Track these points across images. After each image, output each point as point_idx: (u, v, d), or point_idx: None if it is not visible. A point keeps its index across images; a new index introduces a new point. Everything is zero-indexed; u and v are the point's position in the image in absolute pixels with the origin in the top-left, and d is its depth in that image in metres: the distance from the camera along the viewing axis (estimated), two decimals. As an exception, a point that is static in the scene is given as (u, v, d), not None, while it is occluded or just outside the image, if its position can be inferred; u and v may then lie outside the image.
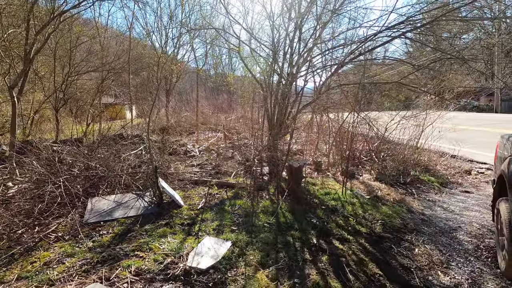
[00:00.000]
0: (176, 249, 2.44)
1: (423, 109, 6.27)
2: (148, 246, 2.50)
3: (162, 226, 2.92)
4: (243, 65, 6.13)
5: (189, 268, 2.17)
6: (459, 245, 2.96)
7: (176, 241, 2.59)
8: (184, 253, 2.38)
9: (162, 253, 2.39)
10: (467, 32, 7.88)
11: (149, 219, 3.11)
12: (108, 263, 2.27)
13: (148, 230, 2.84)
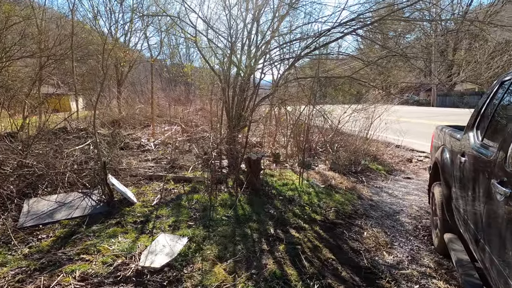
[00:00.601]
0: (128, 249, 2.30)
1: (372, 103, 6.72)
2: (96, 248, 2.32)
3: (112, 225, 2.73)
4: (201, 56, 5.94)
5: (141, 268, 2.06)
6: (401, 226, 3.25)
7: (127, 241, 2.43)
8: (137, 253, 2.25)
9: (112, 254, 2.23)
10: (410, 32, 8.59)
11: (98, 219, 2.88)
12: (48, 270, 2.06)
13: (96, 231, 2.63)
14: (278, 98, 6.40)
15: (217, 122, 6.49)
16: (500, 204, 1.42)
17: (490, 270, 1.52)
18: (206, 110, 10.14)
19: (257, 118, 6.69)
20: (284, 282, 2.04)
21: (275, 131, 6.57)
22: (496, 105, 2.04)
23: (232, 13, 4.95)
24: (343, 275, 2.24)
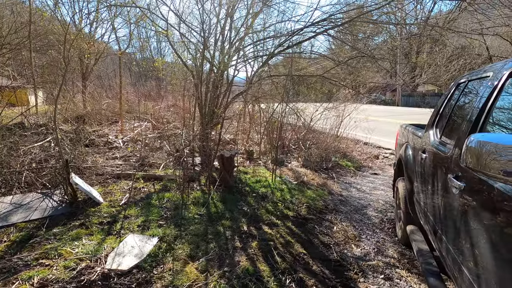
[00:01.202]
0: (93, 251, 2.18)
1: (342, 102, 6.95)
2: (57, 252, 2.17)
3: (76, 227, 2.57)
4: (173, 51, 5.77)
5: (108, 271, 1.96)
6: (369, 220, 3.41)
7: (92, 243, 2.31)
8: (103, 255, 2.14)
9: (75, 258, 2.10)
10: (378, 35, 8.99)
11: (59, 220, 2.70)
12: (2, 277, 1.89)
13: (58, 233, 2.46)
14: (252, 96, 6.40)
15: (190, 118, 6.36)
16: (455, 197, 1.53)
17: (446, 258, 1.64)
18: (178, 106, 9.88)
19: (231, 115, 6.65)
20: (256, 279, 2.05)
21: (249, 129, 6.57)
22: (453, 105, 2.19)
23: (205, 7, 4.84)
24: (314, 269, 2.30)
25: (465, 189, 1.41)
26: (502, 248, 1.08)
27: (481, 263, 1.22)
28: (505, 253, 1.05)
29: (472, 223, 1.33)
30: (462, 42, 13.93)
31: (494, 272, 1.11)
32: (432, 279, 1.80)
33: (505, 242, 1.06)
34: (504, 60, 1.75)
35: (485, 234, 1.19)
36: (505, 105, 1.51)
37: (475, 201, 1.32)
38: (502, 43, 14.80)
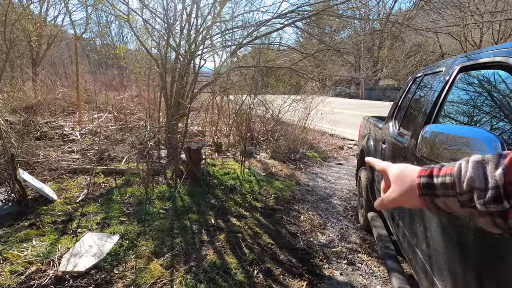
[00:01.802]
0: (45, 253, 2.00)
1: (309, 94, 7.09)
2: (2, 256, 1.96)
3: (25, 228, 2.35)
4: (136, 38, 5.43)
5: (62, 273, 1.82)
6: (333, 208, 3.54)
7: (44, 244, 2.12)
8: (56, 257, 1.98)
9: (24, 261, 1.92)
10: (343, 29, 9.27)
11: (5, 221, 2.44)
12: None
13: (3, 235, 2.23)
14: (220, 87, 6.28)
15: (155, 110, 6.08)
16: (411, 184, 1.63)
17: (403, 242, 1.75)
18: (143, 97, 9.41)
19: (199, 106, 6.47)
20: (224, 271, 2.04)
21: (217, 120, 6.46)
22: (410, 98, 2.32)
23: (169, -8, 4.60)
24: (281, 258, 2.34)
25: (420, 177, 1.50)
26: (450, 231, 1.16)
27: (432, 245, 1.31)
28: (453, 235, 1.14)
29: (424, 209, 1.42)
30: (419, 40, 14.89)
31: (443, 253, 1.19)
32: (389, 261, 1.92)
33: (453, 225, 1.14)
34: (455, 57, 1.87)
35: (436, 219, 1.28)
36: (455, 98, 1.61)
37: (428, 188, 1.41)
38: (453, 41, 16.09)
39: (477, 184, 0.40)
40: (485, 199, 0.39)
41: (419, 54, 8.97)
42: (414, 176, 0.50)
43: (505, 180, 0.37)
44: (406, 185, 0.51)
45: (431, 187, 0.46)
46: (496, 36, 15.98)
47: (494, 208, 0.38)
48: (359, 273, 2.29)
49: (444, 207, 0.46)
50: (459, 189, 0.42)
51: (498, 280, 0.86)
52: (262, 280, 2.04)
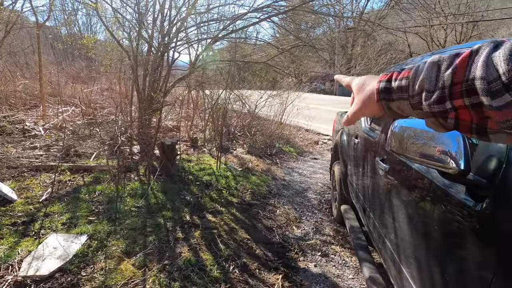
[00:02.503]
0: (3, 258, 1.86)
1: (285, 89, 7.14)
2: (-48, 262, 1.79)
3: (-20, 231, 2.16)
4: (105, 27, 5.14)
5: (22, 278, 1.69)
6: (308, 202, 3.61)
7: (3, 248, 1.96)
8: (16, 261, 1.84)
9: (-22, 267, 1.77)
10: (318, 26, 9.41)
11: (-44, 224, 2.23)
12: None
13: (-47, 240, 2.03)
14: (196, 81, 6.14)
15: (127, 104, 5.83)
16: (381, 178, 1.69)
17: (373, 232, 1.82)
18: (113, 90, 8.98)
19: (173, 100, 6.29)
20: (199, 268, 2.01)
21: (192, 115, 6.33)
22: (381, 94, 2.39)
23: (140, -20, 4.39)
24: (257, 253, 2.35)
25: (389, 170, 1.56)
26: (417, 221, 1.22)
27: (400, 234, 1.37)
28: (419, 225, 1.19)
29: (394, 200, 1.47)
30: (390, 39, 15.51)
31: (410, 241, 1.25)
32: (361, 252, 1.99)
33: (420, 215, 1.20)
34: (422, 55, 1.95)
35: (404, 210, 1.34)
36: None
37: (397, 181, 1.47)
38: (421, 41, 16.94)
39: (427, 85, 0.39)
40: (430, 100, 0.38)
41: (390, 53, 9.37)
42: (375, 82, 0.48)
43: (452, 81, 0.36)
44: (367, 93, 0.49)
45: (388, 91, 0.45)
46: (459, 37, 17.05)
47: (436, 108, 0.38)
48: (332, 264, 2.36)
49: (398, 110, 0.45)
50: (412, 91, 0.41)
51: (459, 266, 0.91)
52: (238, 275, 2.03)
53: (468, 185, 0.91)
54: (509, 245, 0.70)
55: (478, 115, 0.36)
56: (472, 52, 0.36)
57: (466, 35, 17.59)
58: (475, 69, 0.34)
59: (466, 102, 0.35)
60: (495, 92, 0.31)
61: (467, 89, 0.35)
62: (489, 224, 0.79)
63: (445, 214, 1.01)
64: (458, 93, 0.36)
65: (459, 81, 0.35)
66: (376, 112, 0.48)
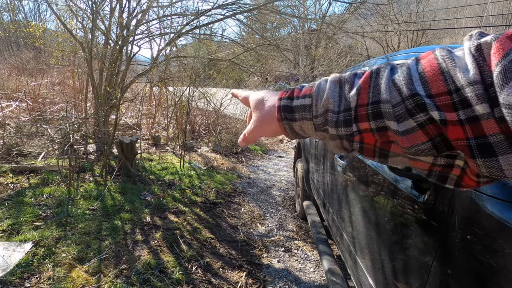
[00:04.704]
0: None
1: (251, 88, 7.17)
2: None
3: None
4: (55, 16, 4.71)
5: (-49, 294, 1.49)
6: (273, 199, 3.67)
7: None
8: None
9: None
10: (283, 27, 9.58)
11: None
12: None
13: None
14: (158, 77, 5.91)
15: (82, 100, 5.41)
16: (339, 174, 1.77)
17: (332, 226, 1.90)
18: (67, 85, 8.29)
19: (133, 96, 5.99)
20: (160, 271, 1.93)
21: (154, 112, 6.08)
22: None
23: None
24: (221, 252, 2.33)
25: (346, 167, 1.64)
26: (370, 214, 1.29)
27: (355, 227, 1.44)
28: (372, 217, 1.27)
29: (350, 195, 1.55)
30: (350, 42, 16.35)
31: (364, 233, 1.33)
32: (321, 245, 2.07)
33: (373, 208, 1.27)
34: (376, 57, 2.08)
35: (359, 204, 1.41)
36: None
37: (353, 176, 1.55)
38: (377, 46, 18.09)
39: (332, 106, 0.37)
40: (337, 121, 0.36)
41: (350, 55, 9.89)
42: (275, 99, 0.43)
43: (357, 103, 0.35)
44: (267, 110, 0.44)
45: (290, 110, 0.41)
46: (410, 43, 18.50)
47: (343, 131, 0.36)
48: (295, 259, 2.42)
49: (300, 131, 0.42)
50: (315, 111, 0.39)
51: (405, 253, 0.99)
52: (201, 275, 1.99)
53: (413, 179, 0.98)
54: (446, 230, 0.77)
55: (382, 139, 0.35)
56: (372, 73, 0.35)
57: (416, 42, 19.18)
58: (379, 91, 0.33)
59: (372, 126, 0.34)
60: (400, 116, 0.31)
61: (372, 111, 0.34)
62: (430, 213, 0.86)
63: (395, 207, 1.08)
64: (364, 116, 0.34)
65: (364, 103, 0.34)
66: (277, 132, 0.44)
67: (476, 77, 0.27)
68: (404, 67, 0.33)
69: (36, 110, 5.86)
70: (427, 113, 0.29)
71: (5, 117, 4.94)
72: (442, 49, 0.31)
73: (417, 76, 0.31)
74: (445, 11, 21.06)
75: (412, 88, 0.30)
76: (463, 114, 0.27)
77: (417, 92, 0.30)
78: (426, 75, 0.30)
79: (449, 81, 0.29)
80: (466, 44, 0.30)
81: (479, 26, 17.12)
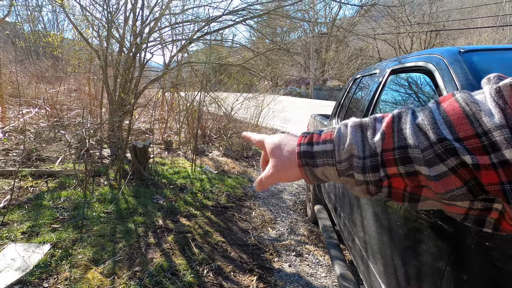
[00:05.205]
0: (-48, 272, 1.70)
1: (261, 92, 7.21)
2: None
3: None
4: (73, 26, 4.90)
5: (-25, 293, 1.56)
6: (284, 203, 3.66)
7: (-48, 261, 1.79)
8: (-33, 275, 1.69)
9: None
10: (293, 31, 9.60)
11: None
12: None
13: None
14: (170, 82, 6.02)
15: (97, 106, 5.58)
16: (350, 177, 1.75)
17: (344, 231, 1.88)
18: (82, 91, 8.56)
19: (146, 102, 6.12)
20: (172, 274, 1.96)
21: (167, 117, 6.19)
22: (351, 97, 2.49)
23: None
24: (232, 255, 2.34)
25: (357, 170, 1.62)
26: (382, 219, 1.28)
27: (368, 232, 1.42)
28: (384, 222, 1.25)
29: (362, 199, 1.54)
30: (361, 45, 16.21)
31: (376, 238, 1.31)
32: (332, 250, 2.05)
33: (385, 213, 1.26)
34: (387, 60, 2.06)
35: (370, 208, 1.40)
36: (387, 98, 1.78)
37: (364, 180, 1.53)
38: (389, 48, 17.85)
39: (356, 151, 0.37)
40: (363, 167, 0.36)
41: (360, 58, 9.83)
42: (294, 145, 0.43)
43: (382, 148, 0.35)
44: (285, 156, 0.43)
45: (311, 156, 0.41)
46: (423, 45, 18.18)
47: (371, 177, 0.36)
48: (306, 264, 2.40)
49: (322, 177, 0.41)
50: (338, 156, 0.38)
51: (419, 260, 0.97)
52: (212, 278, 2.01)
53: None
54: (459, 235, 0.75)
55: (413, 183, 0.34)
56: (394, 117, 0.35)
57: (430, 43, 18.82)
58: (405, 136, 0.33)
59: (400, 170, 0.34)
60: (429, 160, 0.31)
61: (400, 156, 0.33)
62: (443, 217, 0.84)
63: (408, 211, 1.07)
64: (391, 161, 0.34)
65: (390, 147, 0.34)
66: (297, 177, 0.43)
67: (502, 121, 0.27)
68: (426, 110, 0.33)
69: (54, 116, 6.08)
70: (458, 157, 0.29)
71: (25, 123, 5.15)
72: (463, 93, 0.31)
73: (441, 120, 0.31)
74: (460, 11, 20.60)
75: (438, 132, 0.30)
76: (495, 157, 0.27)
77: (444, 136, 0.30)
78: (451, 119, 0.30)
79: (475, 124, 0.28)
80: (486, 88, 0.30)
81: (495, 26, 16.65)
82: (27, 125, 5.23)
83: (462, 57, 1.16)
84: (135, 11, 4.91)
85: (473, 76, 1.04)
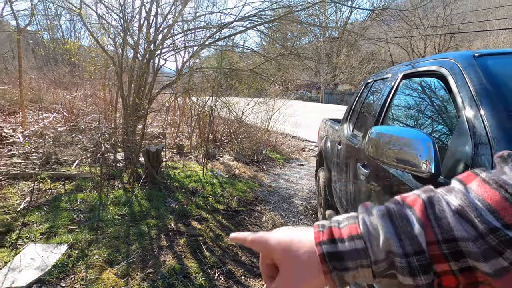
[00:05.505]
0: (-24, 270, 1.78)
1: (272, 97, 7.23)
2: None
3: (-49, 242, 2.06)
4: (89, 33, 5.09)
5: (-3, 291, 1.63)
6: (294, 208, 3.64)
7: (-24, 260, 1.88)
8: (-10, 273, 1.76)
9: (-51, 280, 1.68)
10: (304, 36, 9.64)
11: None
12: None
13: None
14: (182, 87, 6.13)
15: (112, 111, 5.74)
16: (363, 182, 1.74)
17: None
18: (98, 97, 8.82)
19: (159, 107, 6.25)
20: (184, 276, 1.98)
21: (179, 122, 6.29)
22: (362, 102, 2.48)
23: (125, -13, 4.40)
24: (243, 259, 2.35)
25: (369, 175, 1.61)
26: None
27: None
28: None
29: (374, 204, 1.52)
30: (373, 48, 16.07)
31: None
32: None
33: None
34: (400, 64, 2.05)
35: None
36: (399, 102, 1.77)
37: (376, 185, 1.52)
38: (402, 51, 17.62)
39: (394, 248, 0.30)
40: (410, 268, 0.30)
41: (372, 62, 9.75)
42: (310, 245, 0.34)
43: (427, 241, 0.30)
44: (302, 259, 0.34)
45: (339, 258, 0.32)
46: (437, 48, 17.86)
47: (423, 280, 0.30)
48: (317, 269, 2.38)
49: (351, 281, 0.33)
50: (373, 255, 0.32)
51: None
52: (223, 282, 2.02)
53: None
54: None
55: (468, 280, 0.30)
56: (425, 203, 0.31)
57: (444, 46, 18.47)
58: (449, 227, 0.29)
59: (453, 267, 0.29)
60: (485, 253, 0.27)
61: (450, 251, 0.29)
62: None
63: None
64: (439, 256, 0.29)
65: (433, 240, 0.30)
66: (319, 286, 0.34)
67: None
68: (460, 194, 0.30)
69: (71, 121, 6.29)
70: None
71: (44, 128, 5.34)
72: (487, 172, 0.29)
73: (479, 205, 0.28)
74: (475, 13, 20.17)
75: (485, 221, 0.27)
76: None
77: (494, 226, 0.27)
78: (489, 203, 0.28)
79: None
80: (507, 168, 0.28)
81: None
82: (46, 129, 5.43)
83: (476, 61, 1.15)
84: (149, 19, 5.05)
85: (487, 80, 1.03)
